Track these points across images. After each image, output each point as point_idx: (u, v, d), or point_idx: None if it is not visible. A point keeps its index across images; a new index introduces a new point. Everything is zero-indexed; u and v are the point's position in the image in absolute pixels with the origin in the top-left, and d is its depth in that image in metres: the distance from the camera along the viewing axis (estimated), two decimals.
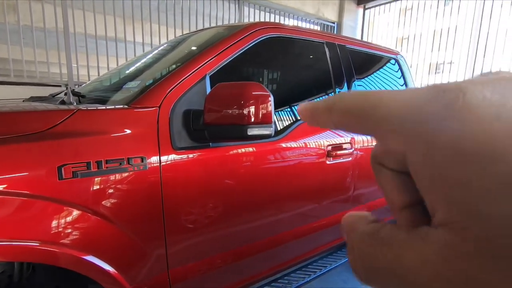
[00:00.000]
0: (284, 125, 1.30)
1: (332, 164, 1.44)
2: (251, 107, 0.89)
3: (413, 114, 0.12)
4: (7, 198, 0.71)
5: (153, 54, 1.58)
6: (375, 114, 0.13)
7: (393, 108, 0.13)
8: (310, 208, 1.43)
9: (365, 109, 0.13)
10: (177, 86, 1.01)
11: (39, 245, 0.75)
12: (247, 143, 1.09)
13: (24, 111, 0.87)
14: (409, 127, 0.12)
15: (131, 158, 0.86)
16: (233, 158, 1.09)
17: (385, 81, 1.95)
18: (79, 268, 0.82)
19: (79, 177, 0.79)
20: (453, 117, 0.11)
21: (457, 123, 0.11)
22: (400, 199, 0.15)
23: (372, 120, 0.13)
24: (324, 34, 1.61)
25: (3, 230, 0.71)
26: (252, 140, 1.03)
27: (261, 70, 1.57)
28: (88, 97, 1.17)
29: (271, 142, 1.19)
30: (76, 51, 2.83)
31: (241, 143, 1.08)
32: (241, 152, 1.11)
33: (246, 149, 1.12)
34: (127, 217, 0.88)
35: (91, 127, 0.85)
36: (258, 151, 1.15)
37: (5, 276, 0.91)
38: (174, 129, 0.96)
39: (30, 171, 0.73)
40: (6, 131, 0.75)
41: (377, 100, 0.13)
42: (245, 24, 1.32)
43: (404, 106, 0.12)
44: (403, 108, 0.12)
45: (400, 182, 0.15)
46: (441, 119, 0.11)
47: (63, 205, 0.78)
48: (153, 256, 0.95)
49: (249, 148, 1.13)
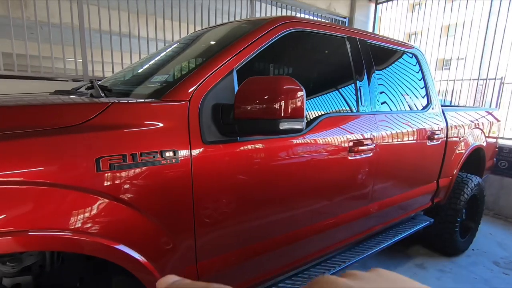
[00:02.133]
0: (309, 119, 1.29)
1: (353, 159, 1.43)
2: (283, 101, 0.89)
3: None
4: (46, 189, 0.73)
5: (174, 48, 1.59)
6: None
7: None
8: (331, 203, 1.43)
9: None
10: (205, 80, 1.01)
11: (73, 235, 0.76)
12: (276, 137, 1.09)
13: (62, 104, 0.88)
14: None
15: (164, 151, 0.87)
16: (260, 152, 1.09)
17: (403, 75, 1.93)
18: (110, 256, 0.83)
19: (116, 170, 0.80)
20: None
21: None
22: None
23: None
24: (345, 28, 1.59)
25: (39, 220, 0.72)
26: (282, 135, 1.03)
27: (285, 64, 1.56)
28: (114, 91, 1.18)
29: (296, 136, 1.19)
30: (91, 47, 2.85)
31: (271, 137, 1.08)
32: (267, 146, 1.11)
33: (272, 144, 1.12)
34: (159, 209, 0.89)
35: (125, 120, 0.86)
36: (283, 145, 1.15)
37: (37, 266, 0.93)
38: (204, 123, 0.97)
39: (70, 163, 0.74)
40: (46, 124, 0.76)
41: None
42: (269, 18, 1.31)
43: None
44: None
45: None
46: None
47: (99, 196, 0.79)
48: (182, 248, 0.96)
49: (274, 142, 1.13)
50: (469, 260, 2.40)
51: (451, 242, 2.33)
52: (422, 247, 2.54)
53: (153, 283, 0.90)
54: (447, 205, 2.30)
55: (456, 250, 2.41)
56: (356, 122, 1.48)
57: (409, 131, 1.78)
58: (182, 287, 0.17)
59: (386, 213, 1.81)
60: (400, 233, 1.96)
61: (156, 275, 0.91)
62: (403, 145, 1.75)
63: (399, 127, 1.71)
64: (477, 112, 2.61)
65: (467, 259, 2.42)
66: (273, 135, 1.04)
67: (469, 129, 2.38)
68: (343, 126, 1.41)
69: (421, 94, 2.04)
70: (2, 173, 0.67)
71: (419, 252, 2.48)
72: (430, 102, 2.06)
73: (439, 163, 2.12)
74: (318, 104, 1.40)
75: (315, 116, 1.34)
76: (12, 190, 0.69)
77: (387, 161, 1.66)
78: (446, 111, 2.18)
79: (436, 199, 2.23)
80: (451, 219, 2.28)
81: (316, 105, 1.39)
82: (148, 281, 0.89)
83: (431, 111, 2.03)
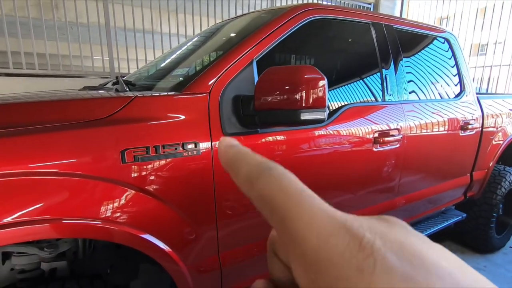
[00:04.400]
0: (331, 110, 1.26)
1: (379, 151, 1.38)
2: (304, 91, 0.87)
3: (323, 252, 0.12)
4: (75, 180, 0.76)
5: (194, 41, 1.60)
6: (293, 225, 0.13)
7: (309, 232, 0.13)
8: (355, 196, 1.39)
9: (287, 211, 0.14)
10: (225, 72, 1.01)
11: (102, 223, 0.80)
12: (297, 128, 1.07)
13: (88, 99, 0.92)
14: (313, 259, 0.13)
15: (186, 143, 0.88)
16: (281, 144, 1.08)
17: (434, 61, 1.81)
18: (137, 245, 0.86)
19: (140, 161, 0.82)
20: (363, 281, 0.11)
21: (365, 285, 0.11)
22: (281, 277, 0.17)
23: (287, 227, 0.14)
24: (370, 14, 1.52)
25: (72, 209, 0.76)
26: (303, 125, 1.01)
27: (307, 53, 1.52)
28: (138, 86, 1.21)
29: (318, 127, 1.16)
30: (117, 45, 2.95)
31: (291, 129, 1.07)
32: (288, 137, 1.09)
33: (293, 135, 1.10)
34: (182, 200, 0.91)
35: (148, 113, 0.88)
36: (304, 136, 1.13)
37: (70, 253, 0.99)
38: (224, 115, 0.97)
39: (97, 155, 0.78)
40: (73, 118, 0.80)
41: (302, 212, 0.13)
42: (289, 6, 1.28)
43: (320, 241, 0.13)
44: (317, 241, 0.13)
45: (283, 268, 0.17)
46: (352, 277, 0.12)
47: (125, 187, 0.82)
48: (205, 238, 0.98)
49: (296, 133, 1.11)
50: (506, 258, 2.25)
51: (485, 239, 2.19)
52: (454, 243, 2.42)
53: (177, 272, 0.93)
54: (482, 199, 2.16)
55: (491, 247, 2.27)
56: (381, 112, 1.42)
57: (439, 121, 1.68)
58: (242, 152, 0.17)
59: (413, 207, 1.74)
60: (429, 228, 1.87)
61: (180, 264, 0.93)
62: (432, 136, 1.66)
63: (428, 117, 1.62)
64: None
65: (503, 256, 2.27)
66: (294, 126, 1.02)
67: (507, 118, 2.20)
68: (367, 116, 1.35)
69: (453, 81, 1.91)
70: (38, 165, 0.72)
71: (450, 247, 2.36)
72: (463, 90, 1.92)
73: (473, 155, 1.98)
74: (341, 94, 1.35)
75: (338, 106, 1.30)
76: (46, 181, 0.73)
77: (415, 153, 1.58)
78: (482, 99, 2.03)
79: (470, 193, 2.10)
80: (486, 215, 2.14)
81: (339, 95, 1.34)
82: (172, 270, 0.92)
83: (464, 99, 1.90)
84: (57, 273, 0.94)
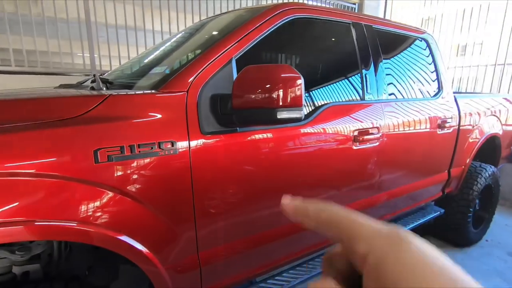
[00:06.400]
0: (310, 109, 1.27)
1: (358, 149, 1.40)
2: (281, 90, 0.87)
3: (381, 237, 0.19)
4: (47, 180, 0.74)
5: (176, 39, 1.58)
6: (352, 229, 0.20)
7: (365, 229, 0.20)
8: (336, 193, 1.41)
9: (343, 223, 0.21)
10: (203, 70, 1.00)
11: (77, 225, 0.78)
12: (275, 127, 1.08)
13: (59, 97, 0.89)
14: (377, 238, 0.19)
15: (162, 143, 0.87)
16: (260, 143, 1.08)
17: (412, 61, 1.86)
18: (114, 247, 0.85)
19: (114, 161, 0.81)
20: None
21: None
22: None
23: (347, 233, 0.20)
24: (350, 14, 1.54)
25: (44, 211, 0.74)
26: (280, 124, 1.01)
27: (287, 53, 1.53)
28: (115, 84, 1.18)
29: (297, 126, 1.17)
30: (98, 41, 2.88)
31: (269, 128, 1.07)
32: (268, 136, 1.09)
33: (273, 134, 1.10)
34: (159, 200, 0.90)
35: (122, 112, 0.86)
36: (284, 135, 1.14)
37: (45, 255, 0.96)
38: (202, 114, 0.96)
39: (68, 155, 0.76)
40: (44, 117, 0.77)
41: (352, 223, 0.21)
42: (269, 5, 1.28)
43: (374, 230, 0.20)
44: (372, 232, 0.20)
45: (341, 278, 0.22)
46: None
47: (99, 188, 0.81)
48: (184, 238, 0.97)
49: (275, 132, 1.11)
50: (482, 251, 2.34)
51: (463, 233, 2.28)
52: (435, 238, 2.49)
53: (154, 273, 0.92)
54: (459, 195, 2.23)
55: (468, 241, 2.36)
56: (361, 111, 1.44)
57: (418, 120, 1.72)
58: (309, 207, 0.23)
59: (394, 203, 1.78)
60: (409, 224, 1.93)
61: (157, 265, 0.92)
62: (411, 134, 1.70)
63: (407, 115, 1.65)
64: (493, 99, 2.50)
65: (480, 250, 2.36)
66: (271, 124, 1.02)
67: (484, 116, 2.28)
68: (347, 115, 1.37)
69: (431, 81, 1.96)
70: (7, 165, 0.69)
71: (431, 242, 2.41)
72: (441, 89, 1.98)
73: (451, 152, 2.05)
74: (321, 93, 1.37)
75: (318, 105, 1.31)
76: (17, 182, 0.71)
77: (394, 151, 1.61)
78: (459, 98, 2.10)
79: (448, 189, 2.17)
80: (463, 210, 2.21)
81: (319, 94, 1.36)
82: (149, 271, 0.91)
83: (442, 98, 1.95)
84: (30, 276, 0.91)
